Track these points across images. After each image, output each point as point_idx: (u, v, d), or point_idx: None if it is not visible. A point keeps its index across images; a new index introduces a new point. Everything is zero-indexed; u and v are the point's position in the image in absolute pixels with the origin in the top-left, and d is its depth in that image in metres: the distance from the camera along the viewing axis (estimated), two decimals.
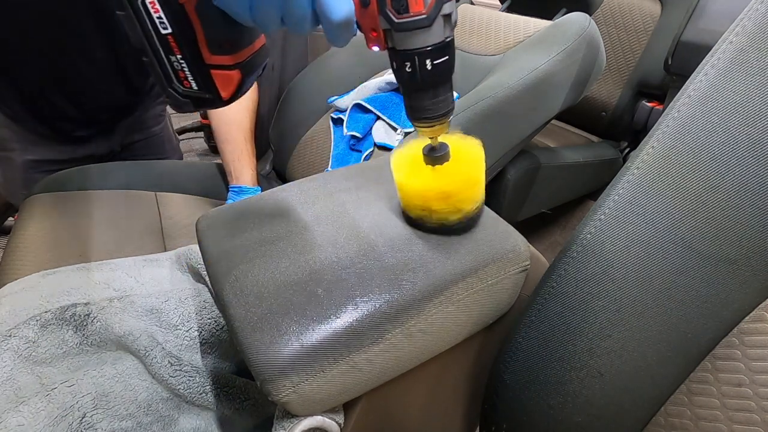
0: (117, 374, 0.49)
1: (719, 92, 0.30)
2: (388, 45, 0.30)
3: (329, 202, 0.43)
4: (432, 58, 0.29)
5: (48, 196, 0.75)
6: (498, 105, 0.71)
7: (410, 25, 0.27)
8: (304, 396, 0.31)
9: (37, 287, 0.52)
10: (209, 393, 0.50)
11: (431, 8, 0.27)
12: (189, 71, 0.30)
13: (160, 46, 0.29)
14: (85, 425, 0.45)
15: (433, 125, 0.33)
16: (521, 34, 0.85)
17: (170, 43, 0.29)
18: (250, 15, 0.27)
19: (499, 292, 0.39)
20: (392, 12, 0.27)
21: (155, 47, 0.29)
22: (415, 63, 0.29)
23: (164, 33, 0.28)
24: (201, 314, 0.54)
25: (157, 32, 0.28)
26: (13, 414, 0.42)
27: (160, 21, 0.28)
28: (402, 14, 0.27)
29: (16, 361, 0.46)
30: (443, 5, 0.27)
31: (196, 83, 0.30)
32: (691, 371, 0.32)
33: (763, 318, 0.30)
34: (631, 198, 0.33)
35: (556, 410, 0.37)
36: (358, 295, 0.33)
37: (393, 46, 0.29)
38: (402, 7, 0.27)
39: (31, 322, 0.48)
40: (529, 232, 1.28)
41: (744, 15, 0.30)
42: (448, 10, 0.28)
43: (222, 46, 0.29)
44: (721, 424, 0.32)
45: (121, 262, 0.59)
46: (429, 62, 0.29)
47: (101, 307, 0.51)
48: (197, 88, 0.31)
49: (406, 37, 0.28)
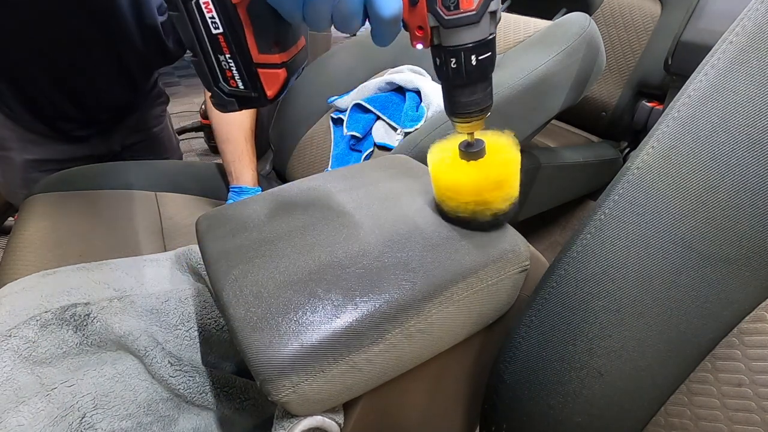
0: (117, 374, 0.49)
1: (719, 92, 0.30)
2: (434, 42, 0.30)
3: (329, 202, 0.43)
4: (477, 54, 0.30)
5: (48, 196, 0.75)
6: (498, 105, 0.71)
7: (460, 21, 0.28)
8: (304, 396, 0.31)
9: (37, 287, 0.52)
10: (209, 393, 0.50)
11: (480, 5, 0.28)
12: (236, 70, 0.30)
13: (209, 46, 0.29)
14: (85, 425, 0.45)
15: (470, 120, 0.34)
16: (521, 34, 0.85)
17: (220, 42, 0.29)
18: (302, 13, 0.28)
19: (498, 292, 0.39)
20: (442, 9, 0.28)
21: (205, 47, 0.30)
22: (461, 59, 0.30)
23: (215, 33, 0.29)
24: (201, 314, 0.54)
25: (208, 32, 0.29)
26: (13, 414, 0.42)
27: (212, 21, 0.28)
28: (452, 11, 0.28)
29: (16, 361, 0.46)
30: (491, 2, 0.28)
31: (242, 82, 0.31)
32: (691, 371, 0.32)
33: (763, 318, 0.30)
34: (631, 198, 0.33)
35: (556, 410, 0.37)
36: (357, 295, 0.33)
37: (439, 42, 0.30)
38: (453, 4, 0.28)
39: (31, 322, 0.48)
40: (529, 232, 1.28)
41: (744, 15, 0.30)
42: (495, 7, 0.29)
43: (270, 45, 0.30)
44: (721, 424, 0.32)
45: (121, 262, 0.59)
46: (474, 58, 0.30)
47: (101, 307, 0.51)
48: (243, 87, 0.31)
49: (454, 34, 0.29)
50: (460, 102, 0.33)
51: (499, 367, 0.41)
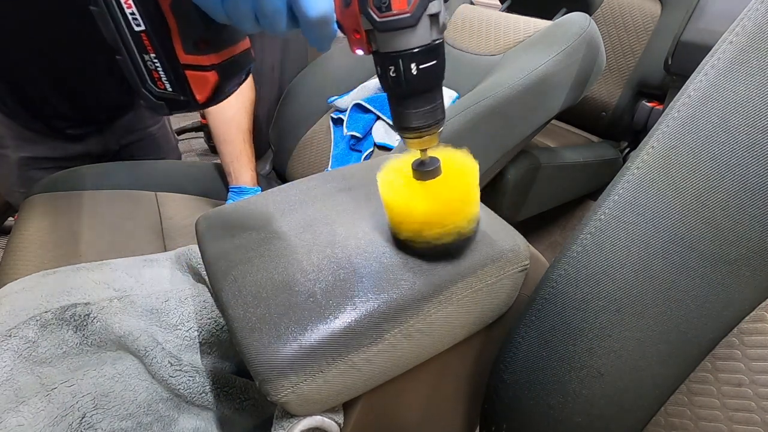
0: (117, 374, 0.49)
1: (719, 92, 0.30)
2: (372, 48, 0.28)
3: (328, 202, 0.43)
4: (417, 61, 0.27)
5: (48, 196, 0.75)
6: (498, 105, 0.71)
7: (393, 24, 0.26)
8: (303, 396, 0.31)
9: (37, 287, 0.52)
10: (209, 393, 0.50)
11: (415, 6, 0.25)
12: (163, 71, 0.28)
13: (133, 44, 0.28)
14: (85, 425, 0.45)
15: (421, 136, 0.30)
16: (521, 34, 0.85)
17: (143, 40, 0.27)
18: (223, 10, 0.26)
19: (498, 292, 0.39)
20: (374, 10, 0.25)
21: (128, 45, 0.28)
22: (399, 67, 0.27)
23: (138, 30, 0.27)
24: (201, 314, 0.53)
25: (130, 29, 0.27)
26: (13, 414, 0.42)
27: (133, 17, 0.27)
28: (384, 13, 0.25)
29: (16, 361, 0.46)
30: (429, 4, 0.26)
31: (170, 84, 0.29)
32: (691, 371, 0.32)
33: (763, 318, 0.30)
34: (631, 198, 0.33)
35: (556, 410, 0.37)
36: (356, 296, 0.33)
37: (377, 48, 0.28)
38: (384, 4, 0.25)
39: (31, 322, 0.48)
40: (529, 232, 1.28)
41: (744, 15, 0.30)
42: (435, 10, 0.26)
43: (198, 46, 0.28)
44: (721, 424, 0.32)
45: (121, 262, 0.59)
46: (414, 66, 0.27)
47: (101, 307, 0.51)
48: (171, 89, 0.29)
49: (389, 38, 0.27)
50: (405, 115, 0.30)
51: (499, 367, 0.41)
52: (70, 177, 0.80)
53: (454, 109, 0.72)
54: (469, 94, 0.74)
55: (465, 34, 0.93)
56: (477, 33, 0.91)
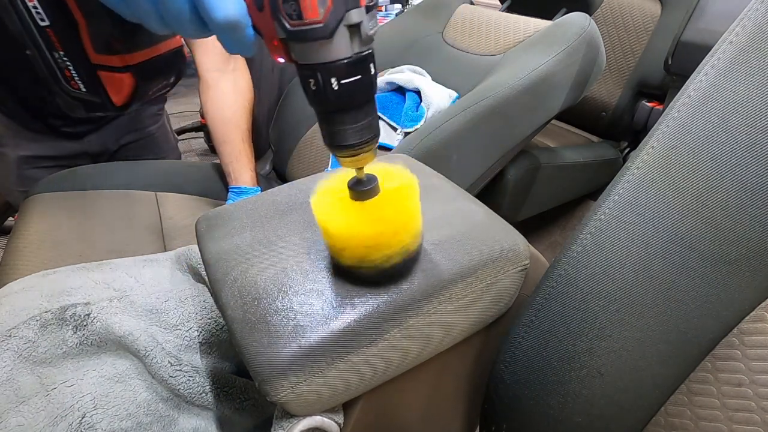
0: (117, 374, 0.49)
1: (719, 92, 0.30)
2: (292, 57, 0.25)
3: None
4: (338, 76, 0.25)
5: (48, 196, 0.75)
6: (498, 105, 0.71)
7: (305, 34, 0.23)
8: (303, 396, 0.31)
9: (37, 287, 0.52)
10: (209, 393, 0.50)
11: (328, 15, 0.23)
12: (75, 70, 0.27)
13: (40, 40, 0.27)
14: (85, 425, 0.45)
15: (356, 154, 0.28)
16: (521, 34, 0.85)
17: (51, 37, 0.26)
18: (127, 7, 0.25)
19: (498, 292, 0.39)
20: (285, 18, 0.23)
21: (36, 41, 0.27)
22: (318, 81, 0.25)
23: (42, 25, 0.26)
24: (201, 314, 0.53)
25: (35, 24, 0.26)
26: (13, 414, 0.42)
27: (36, 12, 0.26)
28: (295, 20, 0.23)
29: (16, 361, 0.46)
30: (346, 13, 0.23)
31: (83, 84, 0.28)
32: (691, 371, 0.32)
33: (763, 318, 0.29)
34: (631, 198, 0.33)
35: (556, 410, 0.37)
36: (356, 296, 0.33)
37: (295, 59, 0.25)
38: (294, 12, 0.22)
39: (31, 322, 0.48)
40: (529, 232, 1.28)
41: (744, 15, 0.30)
42: (355, 20, 0.23)
43: (110, 45, 0.27)
44: (721, 424, 0.32)
45: (121, 262, 0.59)
46: (335, 81, 0.25)
47: (101, 307, 0.51)
48: (85, 90, 0.28)
49: (304, 50, 0.24)
50: (335, 132, 0.27)
51: (499, 367, 0.41)
52: (70, 177, 0.80)
53: (454, 109, 0.72)
54: (469, 94, 0.74)
55: (465, 34, 0.93)
56: (477, 33, 0.91)
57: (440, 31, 0.98)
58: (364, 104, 0.27)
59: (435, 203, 0.42)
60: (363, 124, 0.27)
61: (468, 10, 0.97)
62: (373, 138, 0.28)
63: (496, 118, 0.72)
